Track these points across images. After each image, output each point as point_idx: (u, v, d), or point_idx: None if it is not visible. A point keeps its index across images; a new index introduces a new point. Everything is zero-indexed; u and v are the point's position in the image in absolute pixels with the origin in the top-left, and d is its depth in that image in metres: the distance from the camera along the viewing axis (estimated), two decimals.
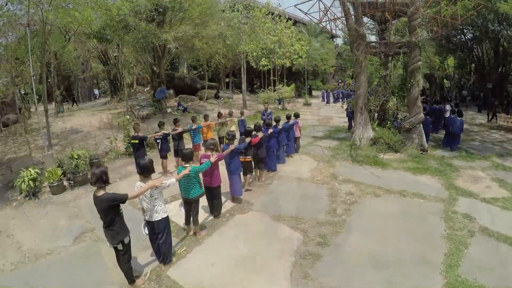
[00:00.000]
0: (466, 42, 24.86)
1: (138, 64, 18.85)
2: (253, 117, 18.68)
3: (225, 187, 6.86)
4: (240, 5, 20.55)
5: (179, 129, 9.05)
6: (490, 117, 18.87)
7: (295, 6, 10.53)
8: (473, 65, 28.73)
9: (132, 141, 8.01)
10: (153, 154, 11.18)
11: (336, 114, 21.64)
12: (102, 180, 3.88)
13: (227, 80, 32.28)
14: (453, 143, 11.88)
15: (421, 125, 11.94)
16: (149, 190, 4.24)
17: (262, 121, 11.85)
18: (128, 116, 11.46)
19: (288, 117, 9.84)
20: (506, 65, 24.90)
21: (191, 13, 14.38)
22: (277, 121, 9.00)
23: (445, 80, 31.40)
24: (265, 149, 7.81)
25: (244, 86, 21.23)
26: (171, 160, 9.78)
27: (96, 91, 31.24)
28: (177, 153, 9.18)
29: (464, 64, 28.72)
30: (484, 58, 26.27)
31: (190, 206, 5.37)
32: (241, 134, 12.07)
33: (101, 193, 3.91)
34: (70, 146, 12.41)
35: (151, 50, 16.04)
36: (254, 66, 23.27)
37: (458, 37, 24.14)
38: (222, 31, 19.25)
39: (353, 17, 11.11)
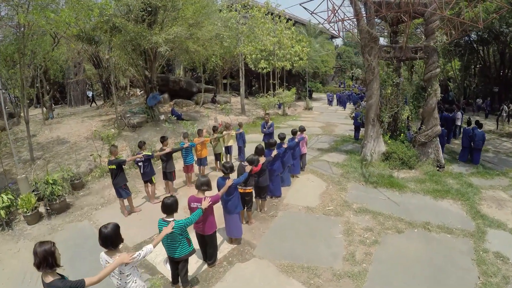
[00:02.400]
0: (471, 44, 23.84)
1: (130, 67, 17.63)
2: (252, 125, 17.54)
3: (220, 221, 5.73)
4: (238, 5, 19.36)
5: (167, 149, 7.79)
6: None
7: (300, 4, 9.37)
8: (478, 67, 27.69)
9: (109, 167, 6.81)
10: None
11: (339, 120, 20.57)
12: (47, 263, 2.75)
13: (224, 81, 31.10)
14: (475, 158, 11.10)
15: (438, 139, 10.95)
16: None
17: (262, 135, 10.80)
18: (113, 130, 10.27)
19: (294, 133, 8.69)
20: None
21: (185, 12, 13.17)
22: (282, 138, 7.87)
23: (448, 82, 30.38)
24: (268, 176, 6.67)
25: (242, 90, 20.07)
26: (159, 181, 8.59)
27: (90, 94, 30.01)
28: (166, 176, 8.02)
29: (468, 66, 27.70)
30: (490, 60, 25.26)
31: (177, 265, 4.24)
32: (239, 148, 11.06)
33: (49, 279, 2.79)
34: (53, 160, 11.29)
35: (142, 53, 14.84)
36: (253, 68, 22.15)
37: (466, 38, 23.10)
38: (219, 32, 18.09)
39: (364, 18, 10.01)
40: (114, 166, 6.69)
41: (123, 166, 7.03)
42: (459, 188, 8.59)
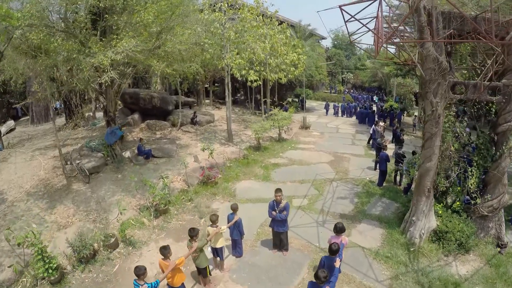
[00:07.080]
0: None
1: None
2: (243, 162, 13.67)
3: None
4: (224, 3, 15.46)
5: None
6: None
7: (339, 6, 5.83)
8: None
9: None
10: None
11: (346, 146, 17.17)
12: None
13: (206, 86, 27.16)
14: None
15: (503, 211, 8.05)
16: None
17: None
18: (36, 228, 6.45)
19: (334, 252, 5.14)
20: None
21: (143, 16, 9.08)
22: (335, 251, 4.41)
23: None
24: None
25: (229, 112, 16.31)
26: None
27: (58, 105, 25.70)
28: None
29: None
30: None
31: None
32: (234, 242, 7.04)
33: None
34: None
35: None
36: (239, 79, 18.49)
37: None
38: (199, 40, 14.24)
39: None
40: None
41: None
42: None
